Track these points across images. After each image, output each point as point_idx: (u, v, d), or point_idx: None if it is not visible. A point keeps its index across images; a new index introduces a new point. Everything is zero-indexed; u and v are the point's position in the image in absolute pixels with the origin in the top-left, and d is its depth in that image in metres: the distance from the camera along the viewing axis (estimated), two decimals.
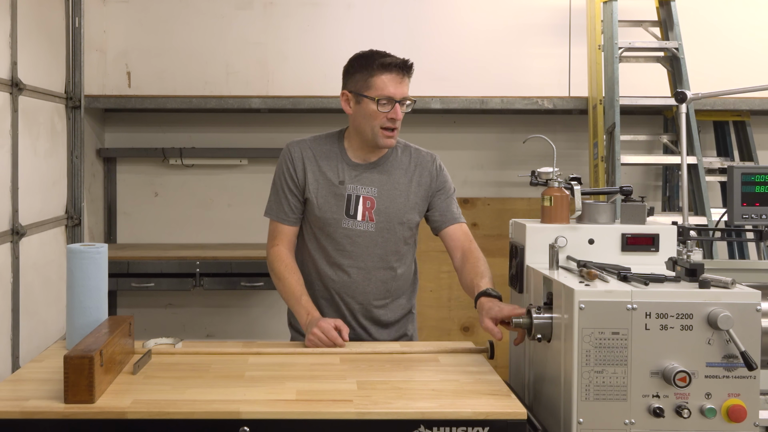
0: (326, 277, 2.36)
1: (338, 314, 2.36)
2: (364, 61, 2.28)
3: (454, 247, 2.38)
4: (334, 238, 2.33)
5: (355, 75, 2.29)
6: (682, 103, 2.52)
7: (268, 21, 4.20)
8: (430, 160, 2.40)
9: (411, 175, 2.37)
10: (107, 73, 4.15)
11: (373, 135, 2.26)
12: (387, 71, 2.23)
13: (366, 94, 2.24)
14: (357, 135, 2.32)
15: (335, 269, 2.34)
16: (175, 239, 4.52)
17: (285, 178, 2.36)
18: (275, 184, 2.40)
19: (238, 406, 1.67)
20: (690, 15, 4.07)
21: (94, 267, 2.04)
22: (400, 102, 2.24)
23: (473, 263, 2.30)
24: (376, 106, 2.23)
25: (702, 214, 3.76)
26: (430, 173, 2.38)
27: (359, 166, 2.34)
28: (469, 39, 4.16)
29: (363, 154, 2.34)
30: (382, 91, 2.22)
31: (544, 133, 2.29)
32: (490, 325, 2.02)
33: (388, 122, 2.24)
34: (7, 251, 3.14)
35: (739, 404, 1.62)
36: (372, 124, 2.25)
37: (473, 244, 2.38)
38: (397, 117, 2.24)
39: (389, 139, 2.27)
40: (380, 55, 2.27)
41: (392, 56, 2.27)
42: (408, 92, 2.27)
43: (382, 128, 2.24)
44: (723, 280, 1.68)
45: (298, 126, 4.55)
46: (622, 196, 2.09)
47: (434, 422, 1.65)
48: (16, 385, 1.82)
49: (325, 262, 2.35)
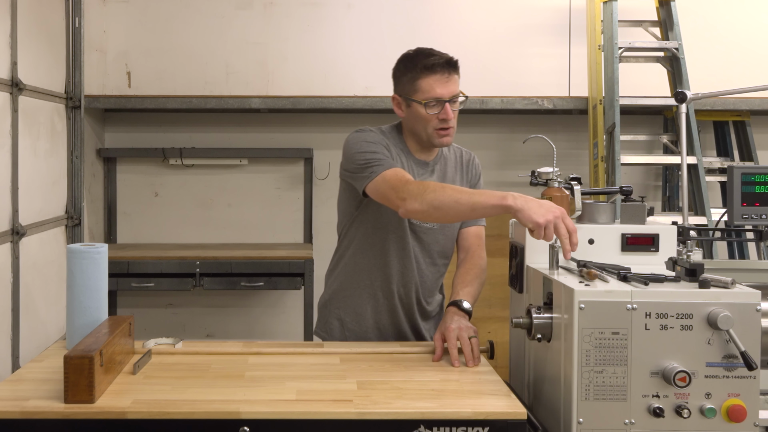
0: (386, 269, 2.32)
1: (392, 308, 2.34)
2: (408, 64, 2.22)
3: (461, 246, 2.39)
4: (400, 234, 2.29)
5: (401, 79, 2.25)
6: (682, 103, 2.52)
7: (268, 21, 4.21)
8: (471, 158, 2.42)
9: (461, 172, 2.38)
10: (107, 73, 4.15)
11: (429, 137, 2.23)
12: (432, 72, 2.17)
13: (414, 98, 2.20)
14: (413, 136, 2.29)
15: (396, 262, 2.31)
16: (175, 239, 4.52)
17: (380, 146, 2.21)
18: (366, 152, 2.17)
19: (238, 406, 1.67)
20: (690, 15, 4.08)
21: (94, 267, 2.04)
22: (450, 101, 2.19)
23: (468, 268, 2.30)
24: (425, 110, 2.19)
25: (702, 214, 3.76)
26: (473, 171, 2.40)
27: (420, 163, 2.31)
28: (469, 39, 4.16)
29: (422, 153, 2.32)
30: (429, 94, 2.17)
31: (544, 133, 2.29)
32: (437, 342, 2.07)
33: (440, 123, 2.20)
34: (7, 251, 3.15)
35: (739, 404, 1.62)
36: (425, 126, 2.21)
37: (480, 247, 2.36)
38: (448, 117, 2.18)
39: (445, 138, 2.23)
40: (424, 56, 2.20)
41: (436, 55, 2.20)
42: (458, 88, 2.21)
43: (436, 129, 2.21)
44: (723, 280, 1.68)
45: (298, 126, 4.56)
46: (622, 196, 2.08)
47: (434, 422, 1.64)
48: (16, 385, 1.82)
49: (387, 254, 2.31)
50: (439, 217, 2.04)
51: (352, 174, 2.21)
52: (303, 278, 3.95)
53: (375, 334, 2.37)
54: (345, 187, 2.34)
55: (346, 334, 2.37)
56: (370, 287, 2.34)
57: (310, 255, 4.01)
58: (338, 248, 2.43)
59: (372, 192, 2.15)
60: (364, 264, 2.34)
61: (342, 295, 2.38)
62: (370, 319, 2.36)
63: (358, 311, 2.36)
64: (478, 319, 2.16)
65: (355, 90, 4.17)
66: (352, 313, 2.37)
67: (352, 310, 2.37)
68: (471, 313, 2.15)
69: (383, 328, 2.36)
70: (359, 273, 2.35)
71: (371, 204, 2.24)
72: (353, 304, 2.36)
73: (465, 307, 2.15)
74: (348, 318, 2.37)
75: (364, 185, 2.16)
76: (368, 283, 2.34)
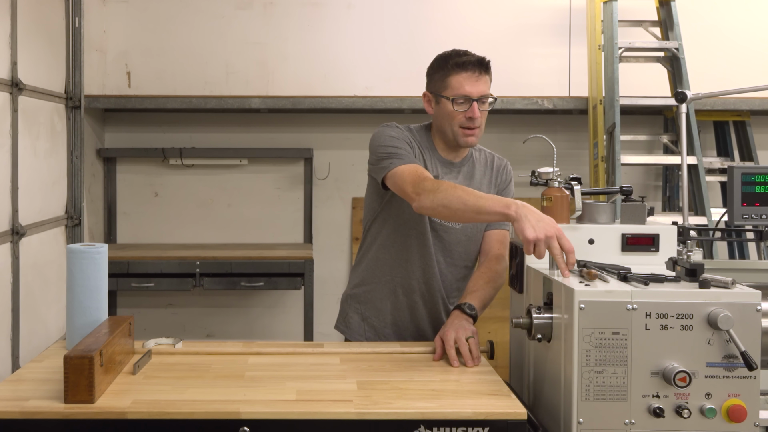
0: (407, 265, 2.33)
1: (413, 305, 2.36)
2: (441, 61, 2.26)
3: (482, 249, 2.39)
4: (421, 231, 2.30)
5: (434, 76, 2.28)
6: (682, 103, 2.52)
7: (268, 21, 4.21)
8: (503, 164, 2.43)
9: (489, 177, 2.39)
10: (107, 73, 4.15)
11: (454, 135, 2.25)
12: (462, 70, 2.20)
13: (443, 94, 2.23)
14: (440, 134, 2.31)
15: (417, 258, 2.32)
16: (175, 239, 4.52)
17: (402, 142, 2.24)
18: (389, 146, 2.22)
19: (238, 406, 1.67)
20: (690, 15, 4.08)
21: (94, 267, 2.04)
22: (478, 100, 2.21)
23: (482, 272, 2.30)
24: (453, 106, 2.21)
25: (702, 214, 3.76)
26: (502, 177, 2.41)
27: (447, 163, 2.33)
28: (469, 39, 4.12)
29: (449, 153, 2.33)
30: (458, 90, 2.20)
31: (544, 133, 2.29)
32: (437, 343, 2.08)
33: (466, 122, 2.22)
34: (7, 251, 3.14)
35: (739, 404, 1.62)
36: (451, 123, 2.24)
37: (501, 252, 2.34)
38: (474, 116, 2.21)
39: (470, 138, 2.25)
40: (457, 54, 2.24)
41: (469, 54, 2.24)
42: (487, 89, 2.23)
43: (461, 127, 2.23)
44: (723, 280, 1.68)
45: (298, 126, 4.56)
46: (622, 196, 2.08)
47: (434, 422, 1.64)
48: (16, 385, 1.82)
49: (408, 250, 2.32)
50: (448, 215, 2.06)
51: (374, 166, 2.26)
52: (303, 278, 3.95)
53: (393, 330, 2.38)
54: (370, 182, 2.38)
55: (365, 328, 2.40)
56: (390, 283, 2.36)
57: (310, 255, 4.01)
58: (362, 244, 2.46)
59: (390, 183, 2.19)
60: (385, 260, 2.36)
61: (362, 290, 2.42)
62: (389, 315, 2.38)
63: (378, 306, 2.39)
64: (479, 319, 2.16)
65: (355, 90, 4.17)
66: (372, 308, 2.39)
67: (372, 305, 2.39)
68: (476, 317, 2.14)
69: (402, 325, 2.38)
70: (380, 268, 2.37)
71: (394, 201, 2.28)
72: (373, 299, 2.39)
73: (468, 311, 2.15)
74: (368, 313, 2.40)
75: (383, 175, 2.20)
76: (389, 279, 2.36)
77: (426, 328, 2.39)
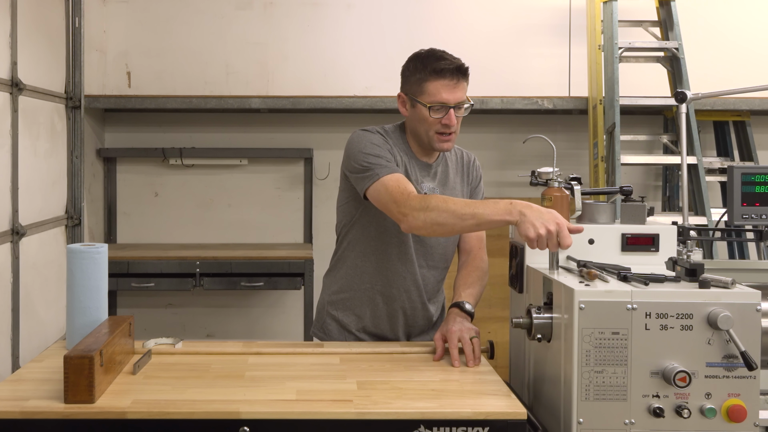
0: (387, 274, 2.30)
1: (392, 313, 2.33)
2: (418, 64, 2.19)
3: (462, 249, 2.38)
4: (402, 238, 2.26)
5: (410, 78, 2.22)
6: (682, 103, 2.52)
7: (268, 21, 4.21)
8: (472, 160, 2.41)
9: (461, 174, 2.37)
10: (107, 73, 4.15)
11: (429, 140, 2.21)
12: (440, 77, 2.14)
13: (419, 99, 2.18)
14: (414, 137, 2.27)
15: (398, 266, 2.29)
16: (175, 239, 4.52)
17: (384, 150, 2.19)
18: (369, 154, 2.16)
19: (238, 406, 1.67)
20: (690, 15, 4.08)
21: (94, 267, 2.04)
22: (455, 107, 2.17)
23: (470, 270, 2.30)
24: (429, 113, 2.16)
25: (702, 214, 3.76)
26: (473, 173, 2.39)
27: (423, 165, 2.30)
28: (469, 39, 4.16)
29: (423, 154, 2.30)
30: (435, 97, 2.15)
31: (544, 133, 2.29)
32: (438, 342, 2.07)
33: (442, 128, 2.18)
34: (7, 251, 3.14)
35: (739, 404, 1.62)
36: (427, 129, 2.19)
37: (481, 250, 2.36)
38: (451, 123, 2.17)
39: (445, 143, 2.21)
40: (435, 58, 2.17)
41: (446, 59, 2.17)
42: (464, 95, 2.19)
43: (437, 133, 2.19)
44: (723, 280, 1.68)
45: (298, 126, 4.56)
46: (622, 196, 2.09)
47: (434, 422, 1.64)
48: (16, 385, 1.82)
49: (389, 259, 2.29)
50: (443, 233, 2.04)
51: (354, 175, 2.20)
52: (303, 278, 3.95)
53: (372, 339, 2.35)
54: (345, 187, 2.31)
55: (344, 335, 2.36)
56: (370, 291, 2.32)
57: (310, 255, 4.01)
58: (337, 249, 2.40)
59: (373, 198, 2.14)
60: (365, 268, 2.32)
61: (341, 297, 2.37)
62: (368, 321, 2.34)
63: (357, 313, 2.35)
64: (478, 319, 2.16)
65: (355, 90, 4.17)
66: (350, 315, 2.35)
67: (351, 312, 2.35)
68: (473, 315, 2.14)
69: (381, 333, 2.35)
70: (360, 276, 2.33)
71: (372, 206, 2.21)
72: (352, 306, 2.35)
73: (467, 309, 2.15)
74: (347, 320, 2.35)
75: (365, 188, 2.15)
76: (368, 287, 2.32)
77: (402, 337, 2.37)
